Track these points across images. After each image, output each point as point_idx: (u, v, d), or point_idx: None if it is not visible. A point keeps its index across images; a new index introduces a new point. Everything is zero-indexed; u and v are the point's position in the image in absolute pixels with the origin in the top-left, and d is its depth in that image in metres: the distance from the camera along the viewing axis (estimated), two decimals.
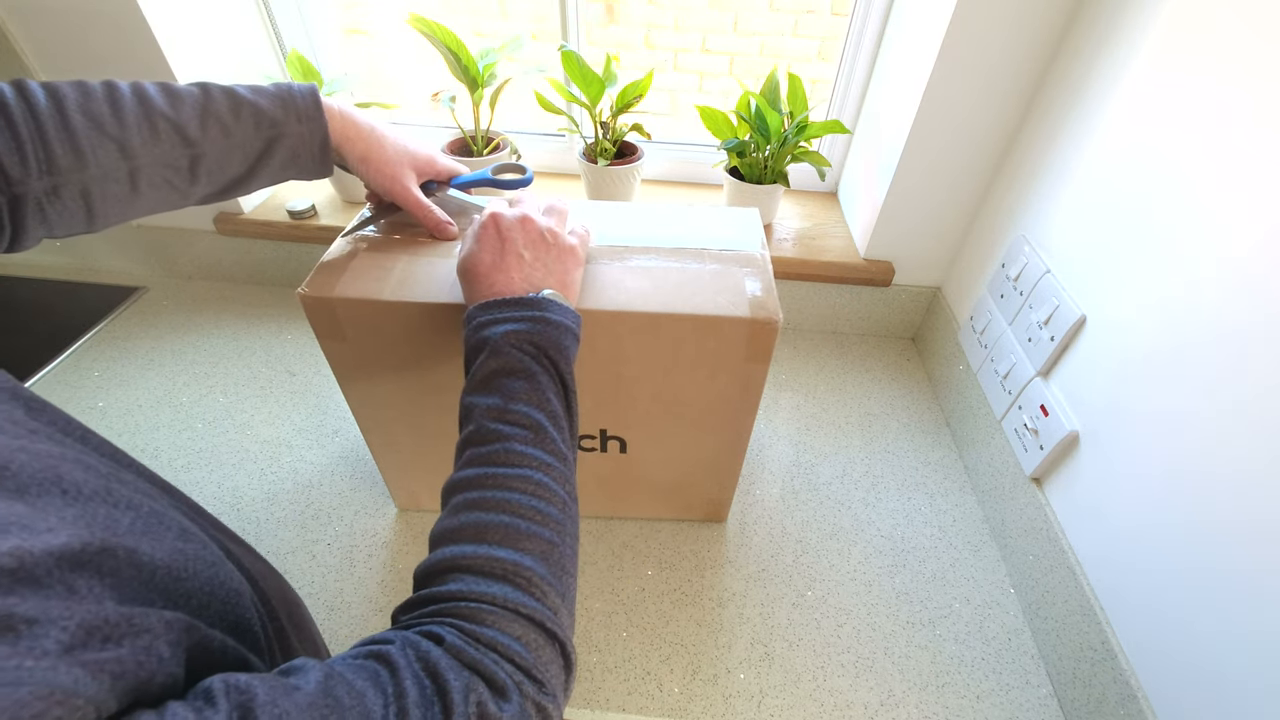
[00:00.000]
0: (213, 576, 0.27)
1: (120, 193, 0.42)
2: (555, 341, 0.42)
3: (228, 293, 1.03)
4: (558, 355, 0.42)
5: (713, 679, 0.59)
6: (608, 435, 0.62)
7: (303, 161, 0.49)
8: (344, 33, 1.05)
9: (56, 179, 0.39)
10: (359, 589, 0.65)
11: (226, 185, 0.47)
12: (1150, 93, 0.56)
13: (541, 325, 0.42)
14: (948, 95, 0.74)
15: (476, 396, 0.40)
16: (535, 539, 0.35)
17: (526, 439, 0.38)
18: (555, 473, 0.38)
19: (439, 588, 0.32)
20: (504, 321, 0.41)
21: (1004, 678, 0.61)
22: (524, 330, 0.41)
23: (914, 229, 0.88)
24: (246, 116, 0.45)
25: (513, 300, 0.43)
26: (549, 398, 0.40)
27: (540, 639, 0.32)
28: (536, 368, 0.40)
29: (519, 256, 0.45)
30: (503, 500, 0.35)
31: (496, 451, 0.37)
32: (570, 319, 0.44)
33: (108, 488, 0.25)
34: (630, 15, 1.00)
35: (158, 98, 0.42)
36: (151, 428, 0.80)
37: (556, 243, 0.47)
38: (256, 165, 0.47)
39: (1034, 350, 0.67)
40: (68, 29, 0.79)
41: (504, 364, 0.40)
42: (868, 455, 0.82)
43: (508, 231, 0.46)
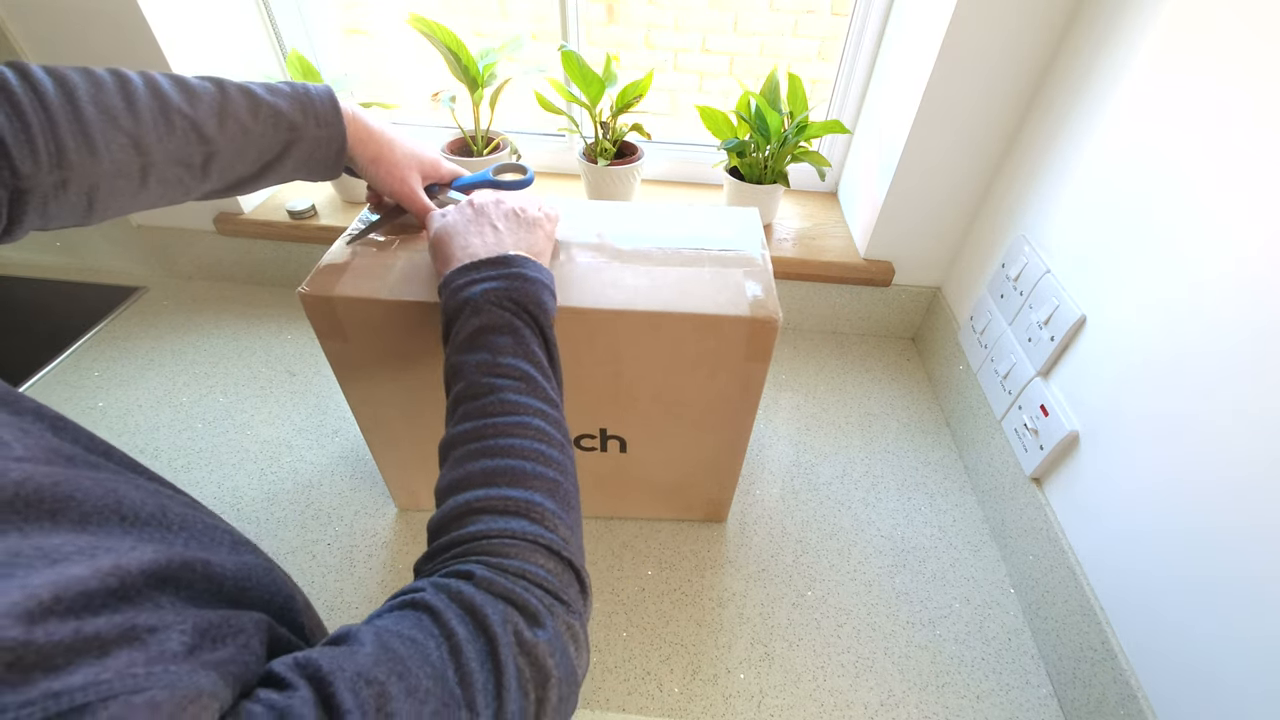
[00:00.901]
0: (270, 583, 0.28)
1: (128, 188, 0.40)
2: (533, 297, 0.42)
3: (228, 293, 1.03)
4: (537, 310, 0.42)
5: (713, 679, 0.59)
6: (608, 435, 0.62)
7: (315, 164, 0.48)
8: (344, 33, 1.05)
9: (67, 173, 0.36)
10: (359, 589, 0.65)
11: (235, 183, 0.46)
12: (1150, 92, 0.56)
13: (519, 282, 0.42)
14: (948, 95, 0.74)
15: (463, 355, 0.40)
16: (541, 478, 0.35)
17: (519, 389, 0.38)
18: (550, 418, 0.39)
19: (459, 531, 0.33)
20: (482, 281, 0.42)
21: (1004, 678, 0.61)
22: (502, 288, 0.42)
23: (914, 229, 0.88)
24: (265, 117, 0.44)
25: (487, 260, 0.44)
26: (534, 350, 0.41)
27: (559, 566, 0.33)
28: (519, 322, 0.41)
29: (492, 227, 0.47)
30: (505, 446, 0.36)
31: (491, 403, 0.38)
32: (545, 276, 0.45)
33: (161, 507, 0.26)
34: (630, 15, 1.00)
35: (173, 92, 0.40)
36: (151, 428, 0.80)
37: (526, 216, 0.49)
38: (269, 166, 0.46)
39: (1034, 350, 0.67)
40: (68, 29, 0.79)
41: (487, 321, 0.41)
42: (868, 455, 0.82)
43: (480, 207, 0.48)
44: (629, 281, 0.53)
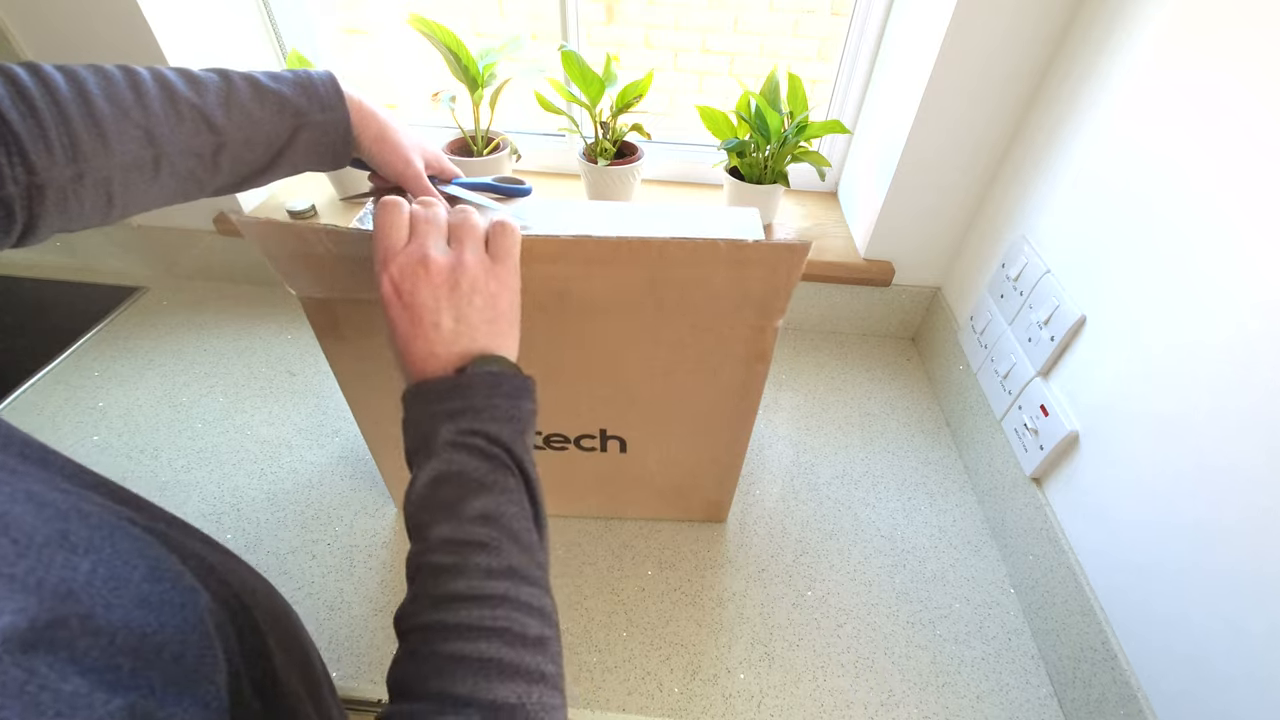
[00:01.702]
0: (183, 623, 0.25)
1: (142, 181, 0.40)
2: (512, 429, 0.36)
3: (228, 293, 1.03)
4: (512, 441, 0.36)
5: (713, 679, 0.59)
6: (607, 435, 0.62)
7: (323, 149, 0.47)
8: (344, 33, 1.05)
9: (81, 166, 0.36)
10: (359, 589, 0.65)
11: (246, 175, 0.45)
12: (1152, 91, 0.56)
13: (486, 410, 0.36)
14: (948, 95, 0.74)
15: (425, 514, 0.34)
16: (510, 680, 0.30)
17: (488, 568, 0.33)
18: (526, 589, 0.33)
19: None
20: (443, 418, 0.36)
21: (1004, 678, 0.61)
22: (466, 423, 0.35)
23: (914, 229, 0.88)
24: (271, 104, 0.43)
25: (447, 387, 0.36)
26: (508, 500, 0.35)
27: None
28: (486, 467, 0.35)
29: (434, 326, 0.37)
30: (472, 646, 0.30)
31: (455, 592, 0.32)
32: (517, 387, 0.38)
33: (64, 529, 0.24)
34: (630, 15, 1.00)
35: (180, 83, 0.40)
36: (151, 428, 0.80)
37: (474, 285, 0.38)
38: (279, 154, 0.45)
39: (1034, 350, 0.67)
40: (68, 29, 0.79)
41: (452, 471, 0.35)
42: (868, 455, 0.82)
43: (409, 296, 0.37)
44: None
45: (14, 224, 0.36)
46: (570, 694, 0.57)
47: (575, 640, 0.61)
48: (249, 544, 0.68)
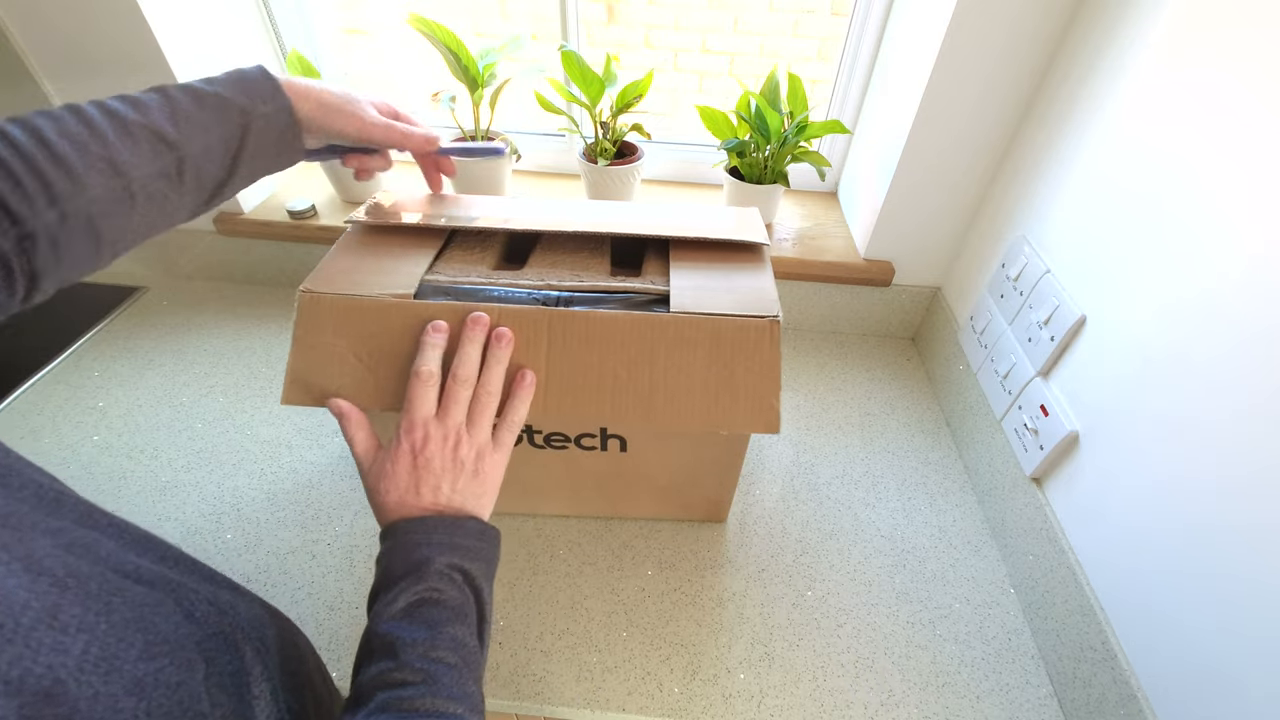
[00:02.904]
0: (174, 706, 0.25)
1: (120, 213, 0.40)
2: (483, 570, 0.42)
3: (228, 293, 1.03)
4: (483, 582, 0.42)
5: (713, 679, 0.59)
6: (608, 434, 0.62)
7: (275, 142, 0.48)
8: (344, 33, 1.05)
9: (62, 207, 0.37)
10: (359, 589, 0.65)
11: (212, 189, 0.46)
12: (1152, 91, 0.56)
13: (471, 551, 0.42)
14: (948, 95, 0.74)
15: (399, 627, 0.37)
16: None
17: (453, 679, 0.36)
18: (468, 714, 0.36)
19: None
20: (434, 545, 0.41)
21: (1004, 678, 0.61)
22: (454, 558, 0.41)
23: (914, 229, 0.88)
24: (213, 107, 0.44)
25: (446, 525, 0.42)
26: (470, 628, 0.40)
27: None
28: (461, 598, 0.40)
29: (434, 489, 0.44)
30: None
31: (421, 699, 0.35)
32: (493, 538, 0.45)
33: (57, 604, 0.23)
34: (630, 15, 1.00)
35: (123, 108, 0.41)
36: (151, 428, 0.80)
37: (478, 468, 0.46)
38: (237, 158, 0.46)
39: (1034, 350, 0.67)
40: (68, 29, 0.79)
41: (434, 595, 0.39)
42: (868, 455, 0.82)
43: (424, 458, 0.44)
44: None
45: (15, 280, 0.36)
46: (570, 694, 0.57)
47: (575, 640, 0.61)
48: (249, 544, 0.68)
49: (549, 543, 0.70)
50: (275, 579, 0.65)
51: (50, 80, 0.84)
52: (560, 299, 0.56)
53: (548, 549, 0.69)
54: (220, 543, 0.68)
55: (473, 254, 0.63)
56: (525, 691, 0.58)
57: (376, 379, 0.51)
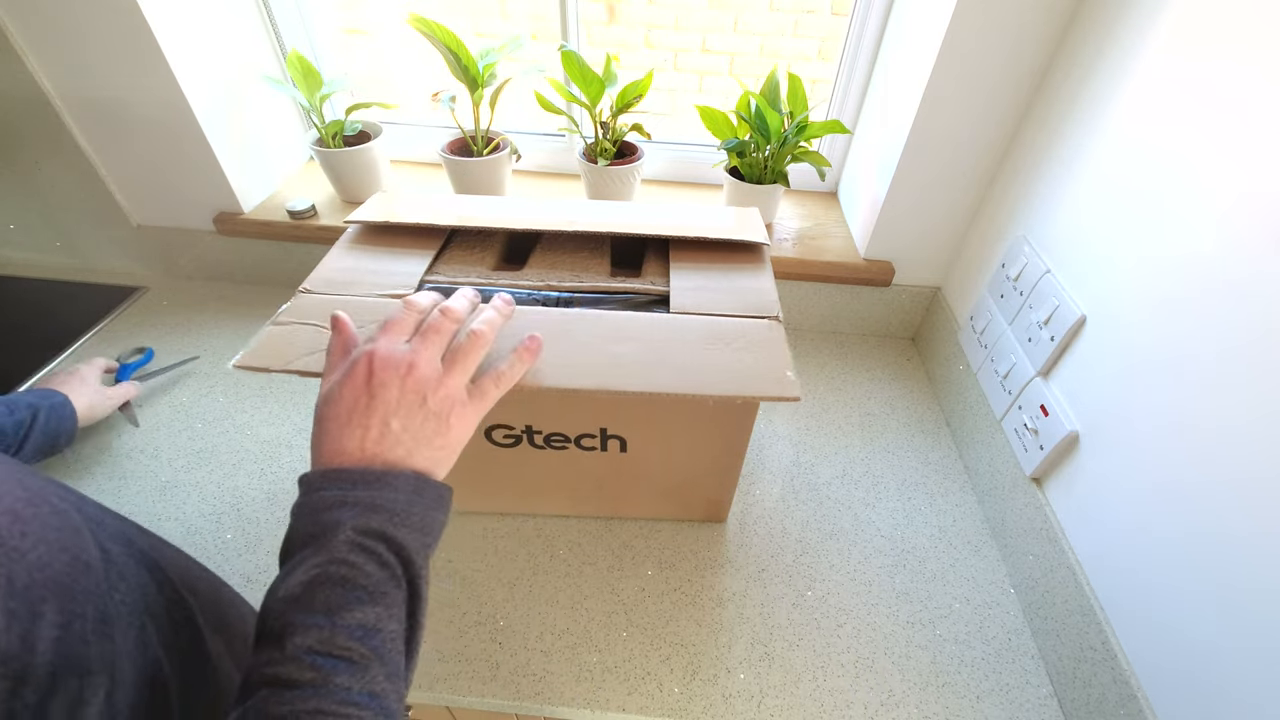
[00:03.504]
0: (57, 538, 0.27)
1: None
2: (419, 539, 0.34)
3: (228, 293, 1.03)
4: (416, 553, 0.34)
5: (713, 679, 0.59)
6: (608, 434, 0.61)
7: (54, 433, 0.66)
8: (344, 33, 1.05)
9: None
10: None
11: None
12: (1153, 90, 0.56)
13: (402, 514, 0.34)
14: (948, 94, 0.74)
15: (294, 614, 0.31)
16: None
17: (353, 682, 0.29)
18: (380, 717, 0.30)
19: None
20: (350, 505, 0.33)
21: (1004, 678, 0.61)
22: (374, 522, 0.33)
23: (914, 229, 0.88)
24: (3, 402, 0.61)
25: (371, 477, 0.34)
26: (392, 613, 0.32)
27: None
28: (380, 576, 0.32)
29: (384, 424, 0.36)
30: None
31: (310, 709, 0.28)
32: (439, 495, 0.36)
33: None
34: (630, 15, 1.00)
35: None
36: (151, 428, 0.80)
37: (441, 409, 0.37)
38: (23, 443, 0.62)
39: (1034, 350, 0.67)
40: (68, 28, 0.79)
41: (340, 574, 0.31)
42: (868, 455, 0.82)
43: (380, 387, 0.36)
44: None
45: None
46: (570, 694, 0.57)
47: (575, 640, 0.61)
48: (249, 544, 0.68)
49: (549, 543, 0.70)
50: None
51: (50, 80, 0.84)
52: (560, 300, 0.56)
53: (548, 549, 0.69)
54: (220, 543, 0.68)
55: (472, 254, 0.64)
56: (525, 691, 0.58)
57: None
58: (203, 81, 0.86)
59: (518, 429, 0.60)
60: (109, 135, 0.89)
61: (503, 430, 0.60)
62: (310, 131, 0.99)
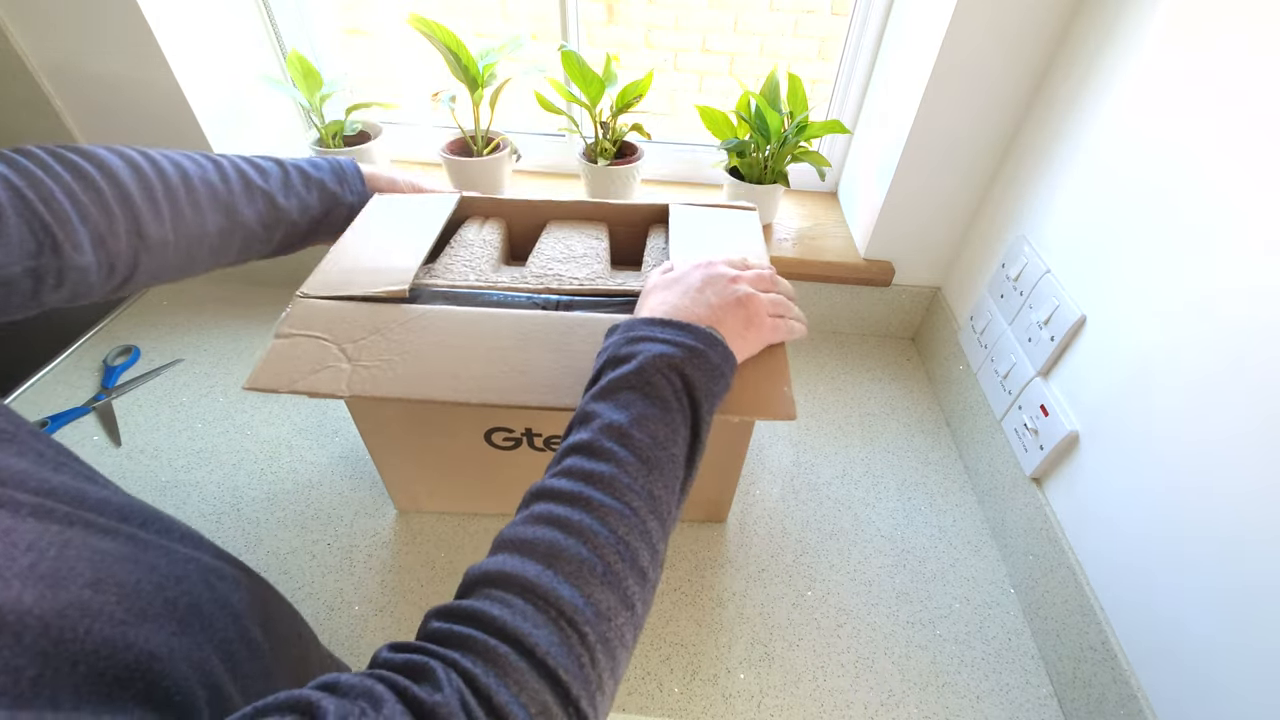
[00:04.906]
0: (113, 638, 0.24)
1: (223, 246, 0.54)
2: (706, 384, 0.38)
3: (228, 293, 1.03)
4: (703, 399, 0.37)
5: (713, 679, 0.59)
6: None
7: (345, 220, 0.62)
8: (344, 33, 1.05)
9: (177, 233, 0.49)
10: (359, 589, 0.65)
11: (287, 244, 0.60)
12: (1153, 92, 0.56)
13: (699, 360, 0.38)
14: (948, 95, 0.74)
15: (601, 404, 0.35)
16: (610, 590, 0.29)
17: (639, 474, 0.33)
18: (655, 524, 0.33)
19: (478, 603, 0.28)
20: (661, 342, 0.38)
21: (1004, 678, 0.61)
22: (677, 357, 0.37)
23: (914, 229, 0.88)
24: (315, 189, 0.59)
25: (680, 324, 0.39)
26: (677, 441, 0.35)
27: (556, 718, 0.25)
28: (676, 404, 0.36)
29: (702, 294, 0.43)
30: (591, 530, 0.30)
31: (604, 474, 0.32)
32: (728, 365, 0.40)
33: (10, 528, 0.23)
34: (630, 15, 1.00)
35: (253, 172, 0.55)
36: (151, 428, 0.80)
37: (750, 314, 0.44)
38: (315, 227, 0.61)
39: (1034, 350, 0.67)
40: (68, 28, 0.79)
41: (643, 384, 0.36)
42: (868, 455, 0.82)
43: (708, 279, 0.44)
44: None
45: (117, 272, 0.47)
46: None
47: None
48: (249, 544, 0.68)
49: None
50: (275, 579, 0.65)
51: (50, 80, 0.84)
52: (560, 303, 0.56)
53: None
54: (220, 543, 0.68)
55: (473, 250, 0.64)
56: None
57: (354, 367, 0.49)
58: (203, 81, 0.86)
59: (518, 432, 0.60)
60: (109, 135, 0.89)
61: (503, 433, 0.60)
62: (310, 131, 0.99)
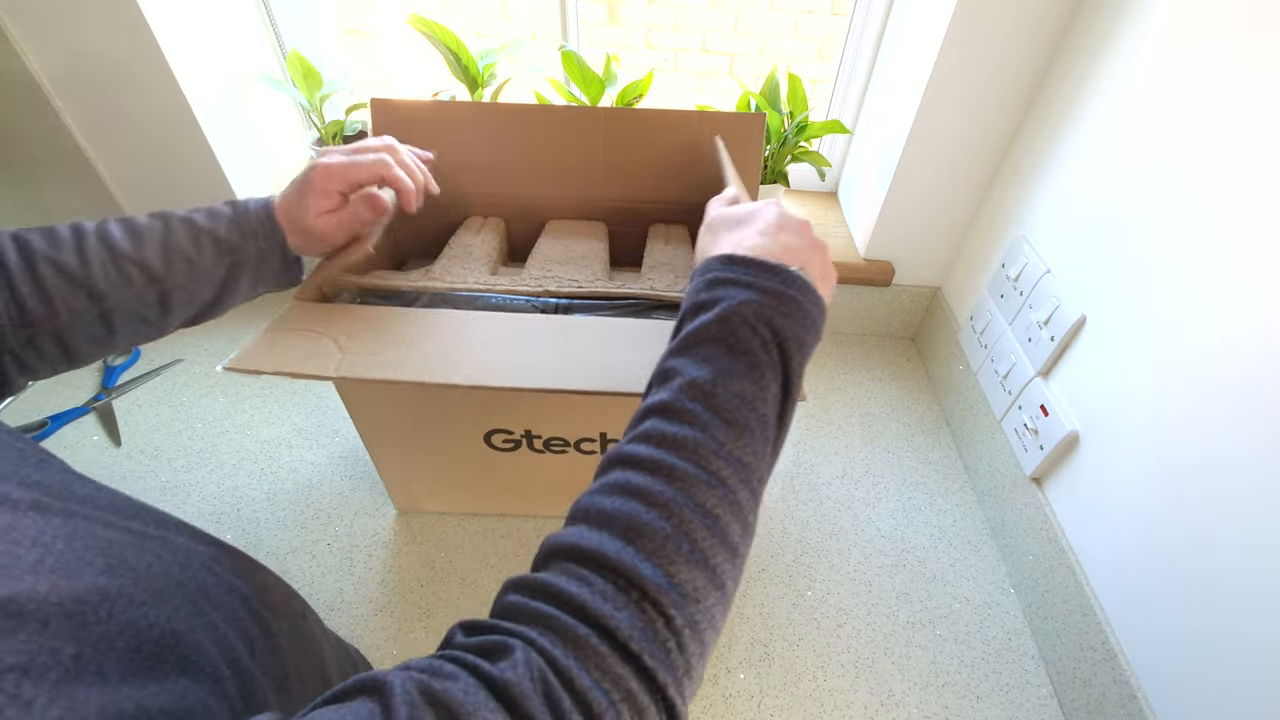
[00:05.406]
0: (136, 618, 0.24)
1: (96, 334, 0.42)
2: (797, 335, 0.33)
3: None
4: (795, 351, 0.33)
5: (713, 679, 0.59)
6: (607, 438, 0.61)
7: (268, 273, 0.49)
8: (344, 33, 1.05)
9: (30, 331, 0.39)
10: (359, 589, 0.65)
11: (200, 310, 0.47)
12: (1153, 92, 0.56)
13: (790, 308, 0.33)
14: (948, 95, 0.74)
15: (680, 359, 0.32)
16: (697, 569, 0.26)
17: (726, 438, 0.30)
18: (745, 494, 0.30)
19: (557, 578, 0.26)
20: (747, 287, 0.33)
21: (1004, 678, 0.61)
22: (766, 306, 0.33)
23: (914, 229, 0.88)
24: (206, 245, 0.45)
25: (766, 265, 0.34)
26: (767, 399, 0.32)
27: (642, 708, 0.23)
28: (764, 358, 0.32)
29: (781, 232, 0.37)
30: (674, 503, 0.27)
31: (687, 439, 0.29)
32: (820, 313, 0.36)
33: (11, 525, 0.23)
34: (630, 16, 1.00)
35: (122, 240, 0.43)
36: (151, 428, 0.80)
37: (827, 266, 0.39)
38: (226, 289, 0.47)
39: (1034, 350, 0.67)
40: (68, 28, 0.79)
41: (727, 335, 0.32)
42: (868, 455, 0.82)
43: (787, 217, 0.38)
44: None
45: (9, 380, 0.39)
46: None
47: None
48: (249, 544, 0.68)
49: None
50: None
51: (50, 80, 0.84)
52: (559, 306, 0.56)
53: None
54: None
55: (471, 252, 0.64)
56: None
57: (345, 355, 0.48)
58: (203, 81, 0.86)
59: (517, 433, 0.60)
60: (108, 135, 0.89)
61: (502, 435, 0.60)
62: (310, 131, 0.98)
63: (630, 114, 0.67)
